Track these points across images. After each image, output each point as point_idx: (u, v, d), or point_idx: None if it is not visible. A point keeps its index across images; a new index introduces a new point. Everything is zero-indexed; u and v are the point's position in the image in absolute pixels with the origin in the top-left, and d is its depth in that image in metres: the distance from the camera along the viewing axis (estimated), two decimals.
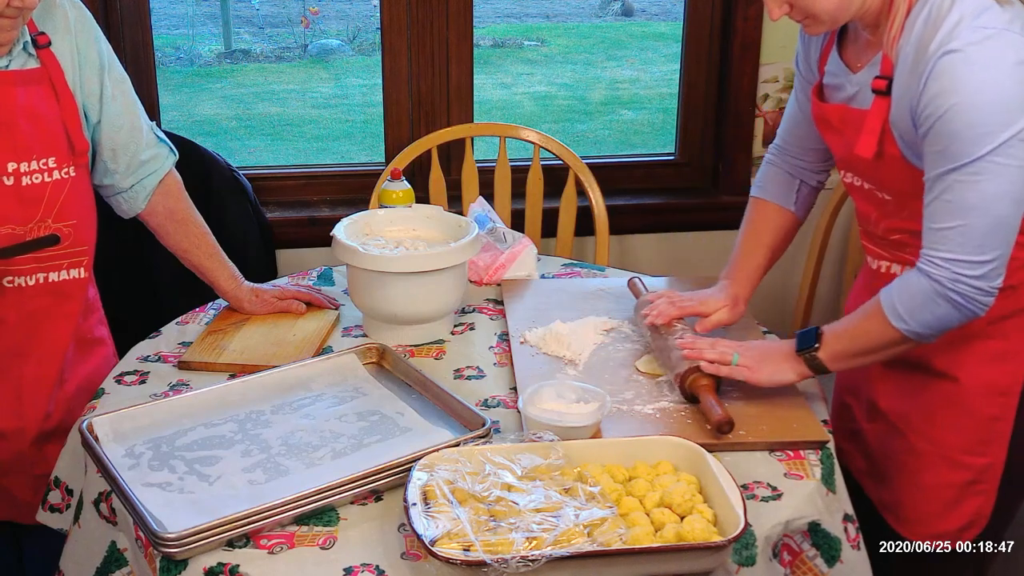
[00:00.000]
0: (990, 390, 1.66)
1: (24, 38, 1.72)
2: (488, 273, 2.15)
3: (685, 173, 2.98)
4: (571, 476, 1.39)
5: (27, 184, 1.73)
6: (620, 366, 1.79)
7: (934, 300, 1.50)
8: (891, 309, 1.54)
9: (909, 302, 1.52)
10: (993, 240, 1.47)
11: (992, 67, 1.43)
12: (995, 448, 1.67)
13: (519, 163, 2.76)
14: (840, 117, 1.66)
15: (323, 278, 2.21)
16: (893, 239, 1.69)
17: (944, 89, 1.44)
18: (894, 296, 1.54)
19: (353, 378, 1.74)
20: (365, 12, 7.62)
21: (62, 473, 1.72)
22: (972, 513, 1.69)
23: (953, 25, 1.45)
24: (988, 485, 1.68)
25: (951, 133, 1.45)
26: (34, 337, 1.82)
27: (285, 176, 2.92)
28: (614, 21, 8.29)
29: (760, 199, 1.91)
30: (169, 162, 1.96)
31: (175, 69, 6.90)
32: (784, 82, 2.84)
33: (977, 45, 1.43)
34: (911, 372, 1.72)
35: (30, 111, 1.73)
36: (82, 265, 1.84)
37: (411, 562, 1.32)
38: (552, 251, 2.69)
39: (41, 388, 1.84)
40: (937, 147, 1.47)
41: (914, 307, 1.52)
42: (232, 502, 1.39)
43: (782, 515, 1.44)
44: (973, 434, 1.67)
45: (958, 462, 1.68)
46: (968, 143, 1.43)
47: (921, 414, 1.71)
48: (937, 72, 1.45)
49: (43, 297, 1.80)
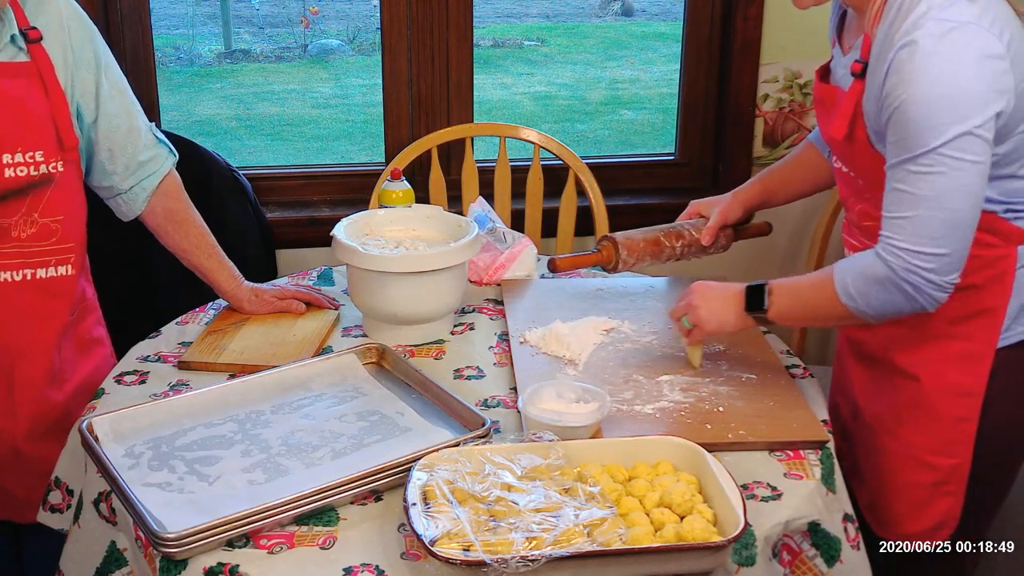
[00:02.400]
0: (954, 391, 1.66)
1: (11, 30, 1.71)
2: (488, 273, 2.15)
3: (685, 173, 2.98)
4: (571, 476, 1.39)
5: (10, 176, 1.73)
6: (620, 366, 1.79)
7: (885, 286, 1.51)
8: (842, 286, 1.55)
9: (861, 283, 1.53)
10: (948, 234, 1.47)
11: (951, 60, 1.44)
12: (962, 449, 1.67)
13: (519, 163, 2.76)
14: (831, 98, 1.68)
15: (323, 278, 2.21)
16: (866, 225, 1.70)
17: (902, 79, 1.46)
18: (847, 274, 1.55)
19: (353, 378, 1.74)
20: (365, 12, 7.62)
21: (62, 473, 1.72)
22: (942, 514, 1.70)
23: (920, 15, 1.46)
24: (956, 486, 1.68)
25: (906, 123, 1.46)
26: (23, 335, 1.81)
27: (285, 176, 2.92)
28: (614, 21, 8.29)
29: (810, 142, 1.98)
30: (169, 163, 1.96)
31: (175, 69, 6.90)
32: (784, 82, 2.84)
33: (938, 37, 1.44)
34: (881, 370, 1.74)
35: (16, 103, 1.72)
36: (70, 262, 1.83)
37: (411, 562, 1.32)
38: (552, 251, 2.69)
39: (33, 387, 1.84)
40: (895, 136, 1.49)
41: (865, 289, 1.53)
42: (232, 502, 1.39)
43: (782, 515, 1.44)
44: (940, 435, 1.67)
45: (926, 463, 1.69)
46: (921, 134, 1.45)
47: (891, 414, 1.73)
48: (898, 61, 1.47)
49: (30, 294, 1.79)
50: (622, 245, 1.99)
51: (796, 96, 2.86)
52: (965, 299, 1.60)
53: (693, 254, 2.05)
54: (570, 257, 2.02)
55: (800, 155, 2.01)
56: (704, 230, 2.01)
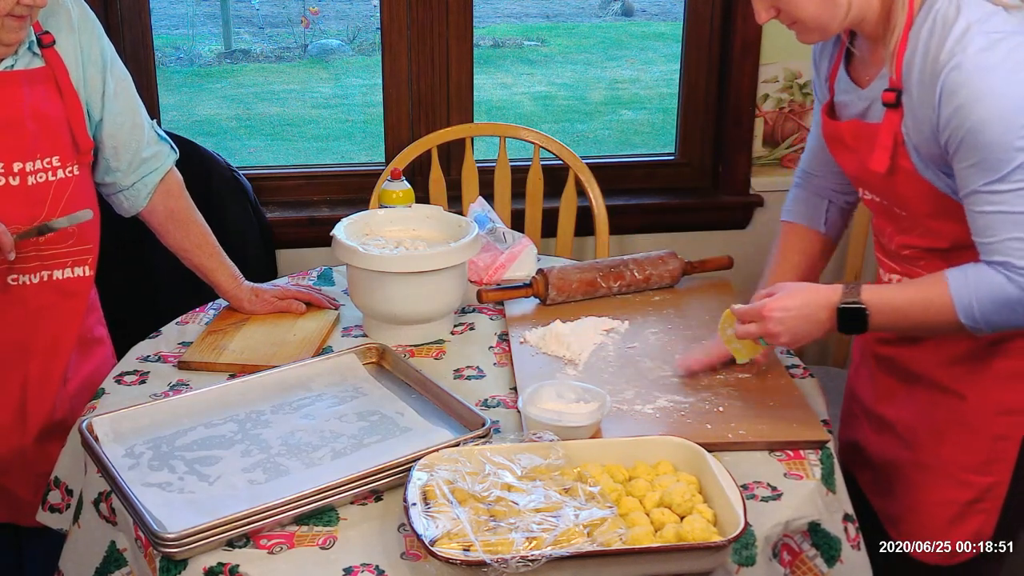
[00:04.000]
0: (997, 409, 1.64)
1: (30, 37, 1.73)
2: (488, 273, 2.15)
3: (685, 173, 2.98)
4: (571, 476, 1.39)
5: (32, 184, 1.74)
6: (620, 366, 1.79)
7: (1015, 308, 1.46)
8: (965, 306, 1.49)
9: (989, 305, 1.48)
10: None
11: (1009, 70, 1.40)
12: (1000, 468, 1.65)
13: (519, 163, 2.76)
14: (853, 133, 1.63)
15: (323, 278, 2.21)
16: (904, 254, 1.67)
17: (965, 101, 1.41)
18: (972, 297, 1.49)
19: (353, 378, 1.74)
20: (365, 12, 7.62)
21: (62, 473, 1.72)
22: (973, 531, 1.67)
23: (962, 33, 1.42)
24: (991, 504, 1.66)
25: (983, 145, 1.42)
26: (39, 335, 1.82)
27: (285, 176, 2.92)
28: (614, 21, 8.29)
29: (789, 222, 1.88)
30: (170, 160, 1.96)
31: (175, 69, 6.90)
32: (784, 82, 2.84)
33: (989, 51, 1.41)
34: (920, 386, 1.71)
35: (35, 111, 1.73)
36: (87, 263, 1.85)
37: (411, 562, 1.32)
38: (552, 251, 2.69)
39: (45, 387, 1.84)
40: (970, 161, 1.44)
41: (992, 309, 1.48)
42: (232, 502, 1.39)
43: (782, 515, 1.44)
44: (979, 453, 1.65)
45: (962, 480, 1.66)
46: (1003, 153, 1.41)
47: (928, 429, 1.70)
48: (952, 84, 1.42)
49: (48, 295, 1.81)
50: (553, 284, 2.01)
51: (796, 96, 2.86)
52: None
53: (633, 292, 2.08)
54: (496, 290, 2.04)
55: (785, 245, 1.87)
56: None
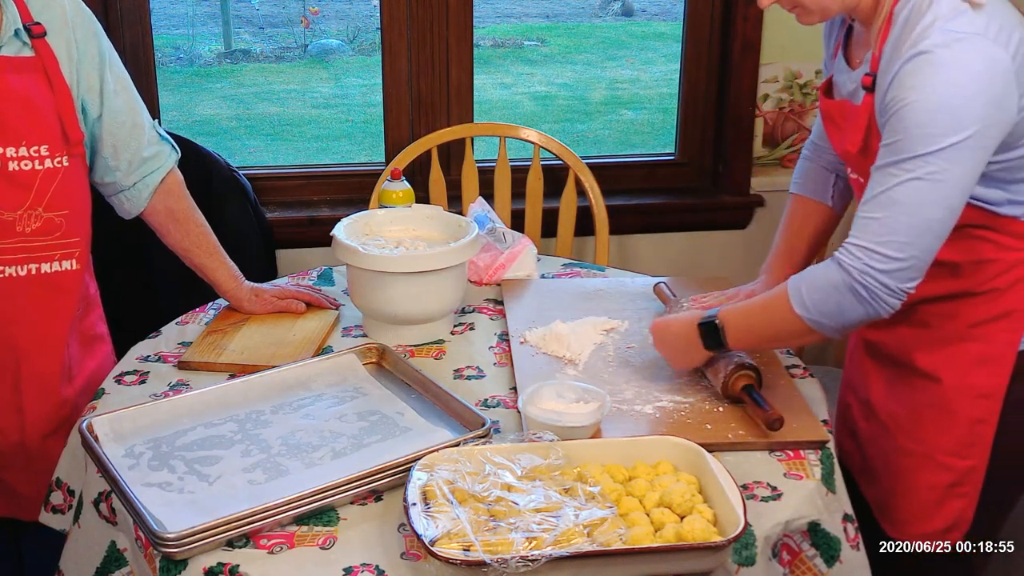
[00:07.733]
0: (973, 393, 1.65)
1: (16, 25, 1.72)
2: (488, 273, 2.15)
3: (685, 173, 2.98)
4: (571, 476, 1.39)
5: (14, 169, 1.72)
6: (620, 366, 1.79)
7: (839, 289, 1.49)
8: (797, 297, 1.53)
9: (814, 290, 1.51)
10: (913, 240, 1.46)
11: (955, 71, 1.43)
12: (978, 451, 1.67)
13: (519, 163, 2.76)
14: (841, 113, 1.67)
15: (323, 278, 2.21)
16: None
17: (905, 87, 1.45)
18: (801, 284, 1.54)
19: (353, 378, 1.74)
20: (365, 12, 7.61)
21: (63, 474, 1.72)
22: (955, 515, 1.69)
23: (926, 27, 1.46)
24: (970, 488, 1.68)
25: (902, 128, 1.45)
26: (29, 331, 1.81)
27: (285, 176, 2.92)
28: (614, 21, 8.29)
29: (798, 195, 1.93)
30: (171, 160, 1.96)
31: (175, 69, 6.90)
32: (784, 82, 2.84)
33: (944, 48, 1.44)
34: (900, 371, 1.73)
35: (22, 98, 1.72)
36: (74, 257, 1.83)
37: (411, 562, 1.33)
38: (552, 251, 2.69)
39: (43, 384, 1.84)
40: (888, 140, 1.48)
41: (818, 295, 1.51)
42: (232, 502, 1.39)
43: (782, 515, 1.45)
44: (957, 436, 1.67)
45: (942, 463, 1.68)
46: (913, 140, 1.44)
47: (908, 414, 1.72)
48: (904, 72, 1.46)
49: (35, 289, 1.79)
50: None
51: (796, 96, 2.86)
52: (987, 302, 1.59)
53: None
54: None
55: (794, 217, 1.93)
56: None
